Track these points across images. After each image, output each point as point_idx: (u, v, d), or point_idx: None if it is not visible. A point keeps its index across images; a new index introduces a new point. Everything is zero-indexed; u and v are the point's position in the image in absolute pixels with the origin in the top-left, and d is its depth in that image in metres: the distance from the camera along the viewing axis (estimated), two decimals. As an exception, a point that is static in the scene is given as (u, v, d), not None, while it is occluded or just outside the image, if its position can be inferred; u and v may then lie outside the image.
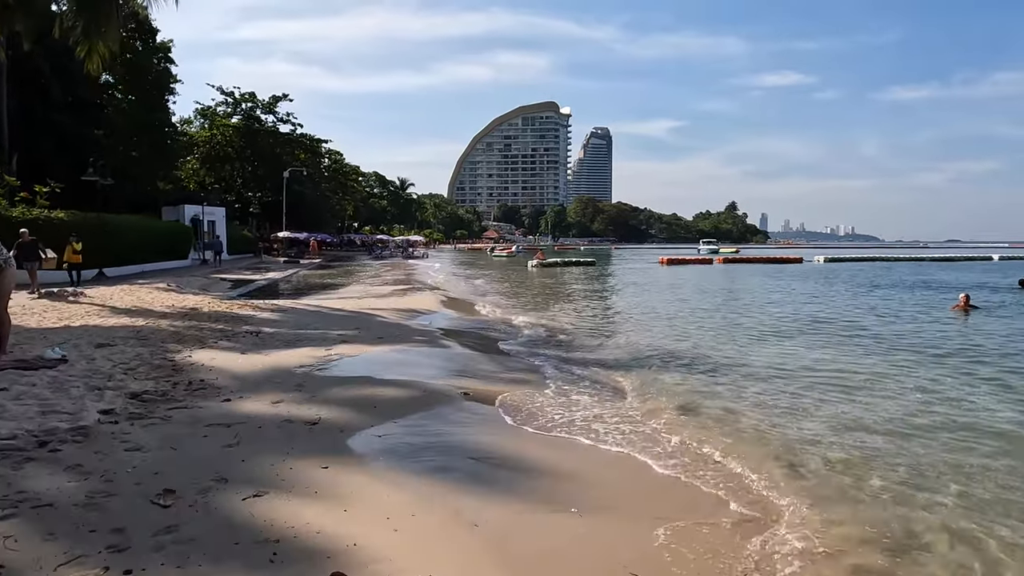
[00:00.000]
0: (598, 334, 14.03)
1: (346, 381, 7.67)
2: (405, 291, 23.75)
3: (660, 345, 12.23)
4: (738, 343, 12.88)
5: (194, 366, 8.21)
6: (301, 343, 10.41)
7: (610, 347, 12.20)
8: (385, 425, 5.92)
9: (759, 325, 15.68)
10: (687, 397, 7.95)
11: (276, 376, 7.78)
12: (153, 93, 45.37)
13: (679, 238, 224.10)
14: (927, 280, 33.13)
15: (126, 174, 42.87)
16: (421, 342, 11.03)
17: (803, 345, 12.54)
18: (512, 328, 14.33)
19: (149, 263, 31.50)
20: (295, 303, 17.80)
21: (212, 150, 63.80)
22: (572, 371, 9.46)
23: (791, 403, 7.77)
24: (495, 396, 7.45)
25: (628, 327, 15.18)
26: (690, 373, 9.56)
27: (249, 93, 67.47)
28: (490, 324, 14.87)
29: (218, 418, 5.83)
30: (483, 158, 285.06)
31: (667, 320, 16.62)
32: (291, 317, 13.96)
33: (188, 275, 28.65)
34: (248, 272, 34.72)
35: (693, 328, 15.05)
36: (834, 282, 32.02)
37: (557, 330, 14.31)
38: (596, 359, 10.71)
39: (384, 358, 9.40)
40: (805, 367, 10.17)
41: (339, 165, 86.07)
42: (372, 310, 16.00)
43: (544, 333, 13.67)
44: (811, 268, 48.00)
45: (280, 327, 12.26)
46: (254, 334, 11.16)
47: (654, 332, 14.30)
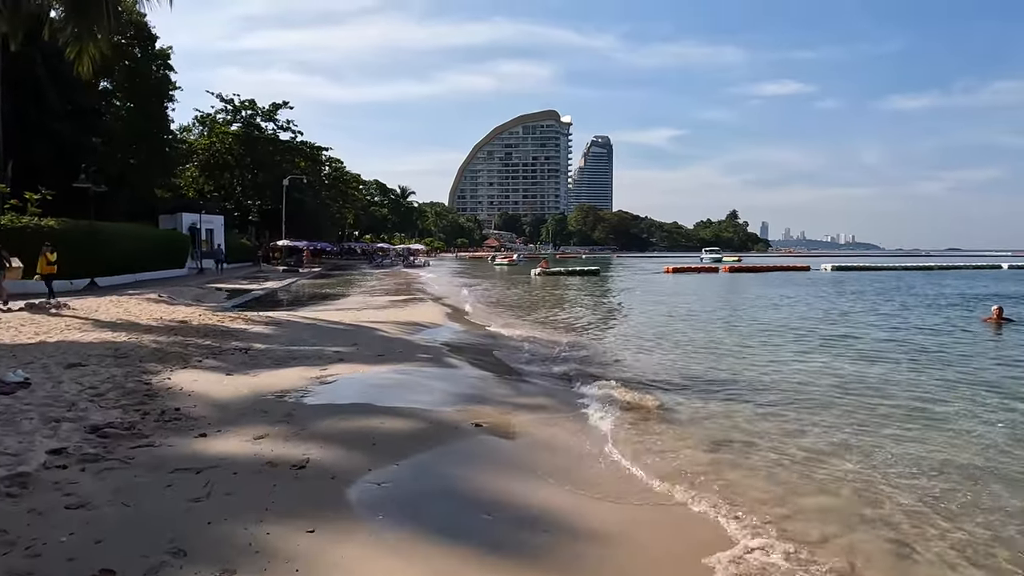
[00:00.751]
0: (614, 349, 13.08)
1: (341, 410, 6.74)
2: (406, 302, 22.83)
3: (684, 364, 11.25)
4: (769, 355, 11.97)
5: (171, 391, 7.30)
6: (294, 362, 9.50)
7: (631, 364, 11.23)
8: (386, 468, 4.98)
9: (788, 337, 14.74)
10: (734, 430, 6.99)
11: (262, 403, 6.86)
12: (152, 100, 44.67)
13: (680, 246, 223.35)
14: (943, 290, 32.19)
15: (124, 182, 42.27)
16: (425, 360, 10.09)
17: (846, 360, 11.59)
18: (522, 343, 13.33)
19: (144, 272, 30.64)
20: (291, 315, 16.89)
21: (211, 158, 63.07)
22: (593, 394, 8.51)
23: (874, 442, 6.63)
24: (512, 427, 6.54)
25: (645, 341, 14.20)
26: (733, 399, 8.55)
27: (249, 100, 66.87)
28: (499, 339, 13.90)
29: (188, 460, 4.91)
30: (484, 166, 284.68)
31: (685, 333, 15.63)
32: (285, 331, 13.04)
33: (183, 285, 27.80)
34: (245, 281, 33.82)
35: (715, 341, 14.10)
36: (850, 292, 31.00)
37: (570, 345, 13.34)
38: (617, 377, 9.78)
39: (385, 380, 8.47)
40: (866, 388, 9.25)
41: (339, 173, 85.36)
42: (372, 323, 15.09)
43: (557, 349, 12.67)
44: (819, 277, 47.07)
45: (272, 343, 11.34)
46: (243, 351, 10.24)
47: (673, 347, 13.34)
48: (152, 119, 44.04)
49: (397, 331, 13.63)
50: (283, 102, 68.54)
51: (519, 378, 9.41)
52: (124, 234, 28.87)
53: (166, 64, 46.35)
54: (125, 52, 42.85)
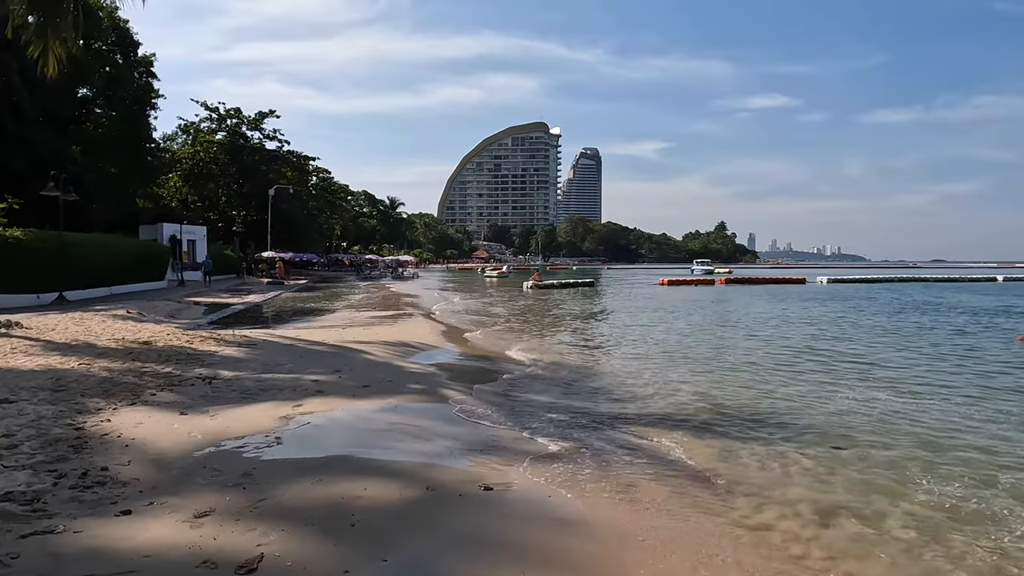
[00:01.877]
0: (628, 373, 11.70)
1: (314, 467, 5.35)
2: (395, 318, 21.45)
3: (718, 396, 9.78)
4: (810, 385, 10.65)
5: (106, 439, 5.91)
6: (264, 395, 8.12)
7: (652, 394, 9.84)
8: (369, 569, 3.63)
9: (820, 360, 13.46)
10: (830, 494, 5.64)
11: (216, 457, 5.50)
12: (134, 108, 43.21)
13: (669, 258, 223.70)
14: (948, 303, 31.22)
15: (104, 191, 40.89)
16: (418, 392, 8.70)
17: (903, 394, 10.05)
18: (526, 367, 11.95)
19: (120, 285, 29.16)
20: (269, 334, 15.45)
21: (195, 167, 61.49)
22: (616, 437, 7.11)
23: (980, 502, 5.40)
24: (532, 492, 5.19)
25: (662, 364, 12.85)
26: (802, 447, 7.08)
27: (234, 109, 65.45)
28: (499, 362, 12.48)
29: (94, 559, 3.54)
30: (473, 178, 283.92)
31: (703, 355, 14.31)
32: (259, 354, 11.62)
33: (161, 298, 26.34)
34: (227, 295, 32.34)
35: (742, 366, 12.78)
36: (855, 305, 29.91)
37: (580, 370, 11.97)
38: (638, 414, 8.44)
39: (370, 420, 7.09)
40: (950, 429, 7.92)
41: (327, 183, 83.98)
42: (357, 344, 13.69)
43: (566, 374, 11.31)
44: (816, 289, 46.12)
45: (243, 369, 9.94)
46: (206, 381, 8.84)
47: (696, 372, 11.96)
48: (134, 127, 42.58)
49: (385, 353, 12.24)
50: (269, 111, 67.19)
51: (530, 415, 8.03)
52: (97, 245, 27.35)
53: (149, 71, 45.03)
54: (106, 58, 41.57)
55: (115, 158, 41.60)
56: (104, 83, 41.51)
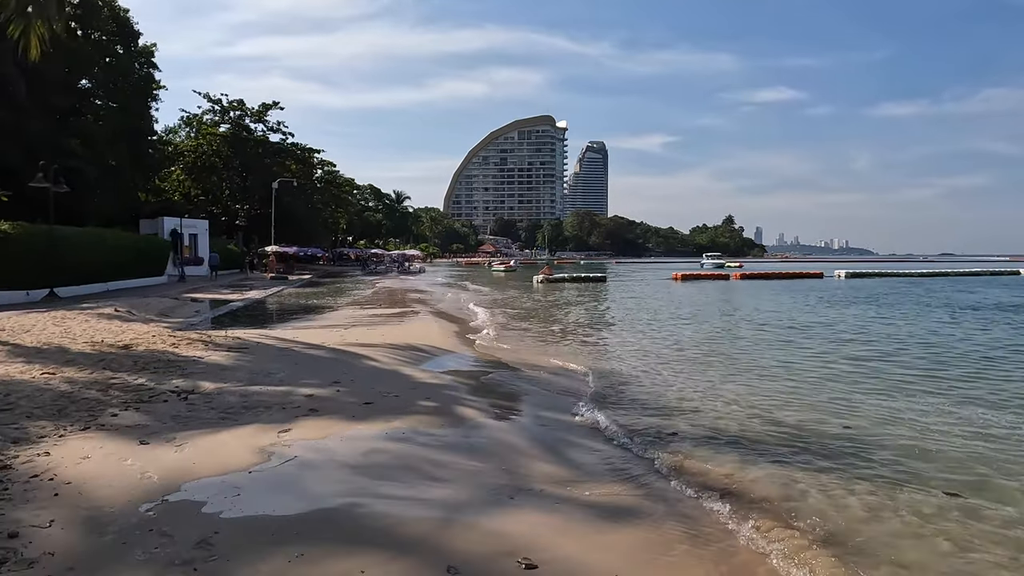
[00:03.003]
0: (667, 384, 10.22)
1: (293, 531, 4.00)
2: (402, 316, 20.14)
3: (776, 411, 8.35)
4: (876, 397, 9.18)
5: (34, 483, 4.60)
6: (246, 415, 6.80)
7: (699, 408, 8.42)
8: None
9: (878, 367, 12.00)
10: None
11: (168, 514, 4.17)
12: (134, 99, 42.08)
13: (676, 252, 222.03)
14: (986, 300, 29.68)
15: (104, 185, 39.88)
16: (430, 411, 7.30)
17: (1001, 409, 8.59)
18: (551, 376, 10.52)
19: (116, 281, 28.05)
20: (265, 334, 14.15)
21: (198, 160, 60.31)
22: (700, 481, 5.64)
23: None
24: (590, 568, 3.84)
25: (698, 372, 11.32)
26: (895, 486, 5.80)
27: (237, 101, 64.27)
28: (519, 370, 10.94)
29: None
30: (479, 172, 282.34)
31: (744, 360, 12.73)
32: (250, 360, 10.31)
33: (157, 295, 25.14)
34: (227, 291, 31.13)
35: (791, 373, 11.25)
36: (887, 302, 28.26)
37: (612, 378, 10.51)
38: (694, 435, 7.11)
39: (371, 451, 5.72)
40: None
41: (332, 176, 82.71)
42: (360, 347, 12.36)
43: (597, 384, 9.98)
44: (836, 285, 44.54)
45: (227, 379, 8.62)
46: (182, 396, 7.51)
47: (744, 382, 10.44)
48: (134, 119, 41.45)
49: (391, 359, 10.88)
50: (273, 102, 65.93)
51: (566, 441, 6.65)
52: (92, 239, 26.17)
53: (150, 62, 43.98)
54: (105, 49, 40.46)
55: (115, 151, 40.50)
56: (104, 74, 40.49)
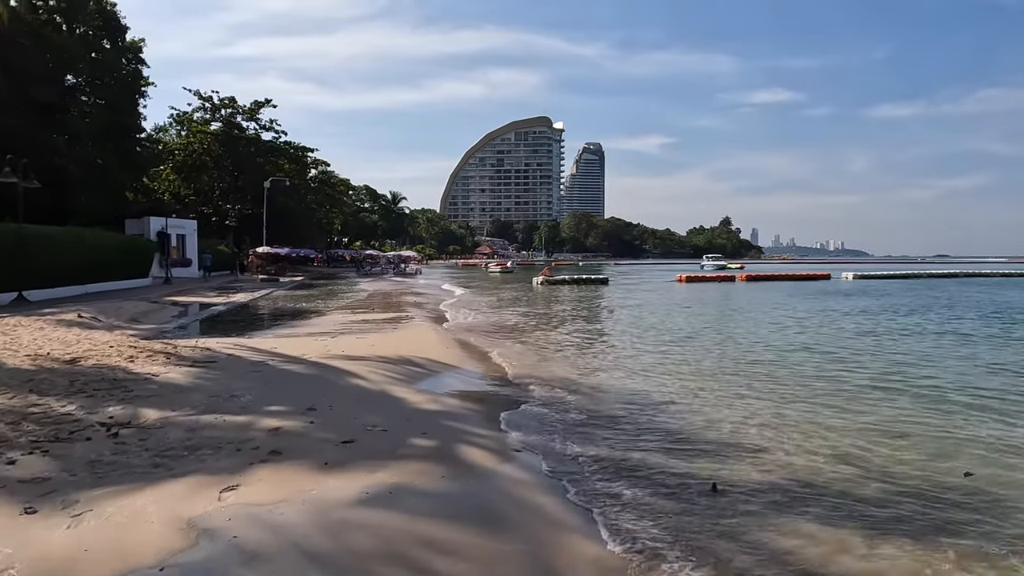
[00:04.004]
0: (706, 410, 8.51)
1: None
2: (396, 321, 18.59)
3: (847, 449, 6.73)
4: (965, 431, 7.66)
5: None
6: (187, 460, 5.29)
7: (753, 446, 6.85)
8: None
9: (947, 388, 10.42)
10: None
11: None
12: (122, 96, 40.51)
13: (673, 253, 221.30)
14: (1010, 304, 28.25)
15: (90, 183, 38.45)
16: (427, 456, 5.72)
17: None
18: (567, 397, 8.99)
19: (96, 283, 26.47)
20: (241, 344, 12.59)
21: (188, 158, 58.62)
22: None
23: None
24: None
25: (739, 393, 9.55)
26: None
27: (229, 98, 62.66)
28: (529, 391, 9.41)
29: None
30: (476, 173, 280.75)
31: (785, 376, 11.05)
32: (214, 378, 8.75)
33: (139, 297, 23.60)
34: (213, 293, 29.56)
35: (846, 394, 9.54)
36: (915, 307, 26.60)
37: (642, 401, 8.91)
38: (757, 481, 5.58)
39: (345, 529, 4.18)
40: None
41: (327, 176, 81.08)
42: (347, 359, 10.82)
43: (625, 410, 8.39)
44: (845, 287, 43.13)
45: (178, 406, 7.07)
46: (111, 432, 5.96)
47: (798, 409, 8.66)
48: (122, 116, 39.92)
49: (381, 376, 9.34)
50: (265, 100, 64.42)
51: (613, 499, 5.11)
52: (68, 239, 24.58)
53: (137, 58, 42.49)
54: (91, 44, 38.93)
55: (102, 148, 39.04)
56: (90, 69, 38.99)
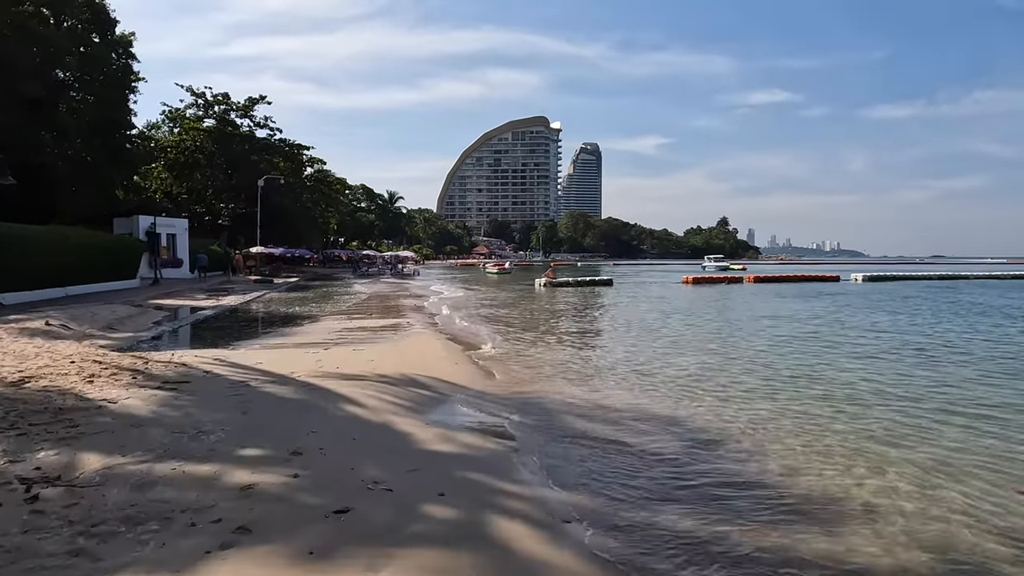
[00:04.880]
0: (770, 448, 6.95)
1: None
2: (396, 328, 17.18)
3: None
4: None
5: None
6: (115, 548, 3.74)
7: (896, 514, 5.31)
8: None
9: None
10: None
11: None
12: (111, 91, 39.12)
13: (671, 254, 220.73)
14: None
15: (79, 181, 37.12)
16: (448, 539, 4.10)
17: None
18: (605, 429, 7.44)
19: (80, 285, 25.11)
20: (223, 357, 11.14)
21: (180, 155, 57.08)
22: None
23: None
24: None
25: (804, 423, 8.01)
26: None
27: (222, 94, 61.24)
28: (559, 419, 7.90)
29: None
30: (473, 173, 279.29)
31: (844, 399, 9.44)
32: (182, 405, 7.29)
33: (122, 300, 22.25)
34: (203, 296, 28.16)
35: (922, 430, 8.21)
36: (954, 311, 24.96)
37: (691, 437, 7.27)
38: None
39: None
40: None
41: (323, 175, 79.56)
42: (342, 379, 9.41)
43: (678, 448, 6.79)
44: (856, 289, 41.81)
45: (129, 451, 5.52)
46: (29, 496, 4.39)
47: (889, 444, 7.20)
48: (111, 111, 38.54)
49: (382, 403, 7.92)
50: (260, 96, 62.99)
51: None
52: (48, 239, 23.22)
53: (127, 52, 41.07)
54: (80, 38, 37.54)
55: (91, 145, 37.65)
56: (78, 64, 37.61)
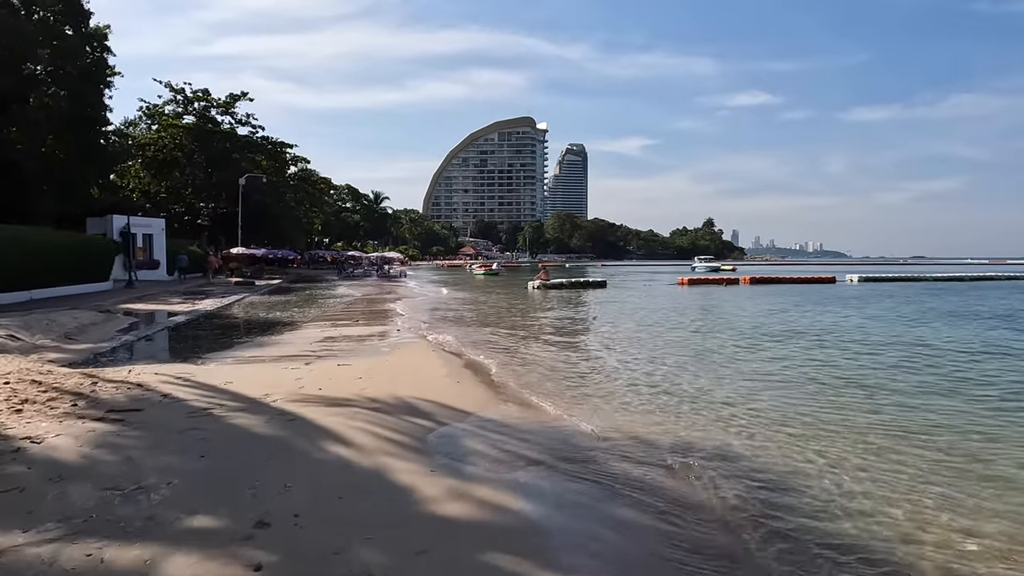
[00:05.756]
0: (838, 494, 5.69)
1: None
2: (385, 336, 15.76)
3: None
4: None
5: None
6: None
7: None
8: None
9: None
10: None
11: None
12: (85, 86, 37.22)
13: (657, 255, 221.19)
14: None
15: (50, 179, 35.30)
16: None
17: None
18: (645, 473, 5.92)
19: (46, 288, 23.49)
20: (187, 375, 9.66)
21: (159, 153, 55.10)
22: None
23: None
24: None
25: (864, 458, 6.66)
26: None
27: (202, 90, 59.23)
28: (588, 453, 6.36)
29: None
30: (459, 173, 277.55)
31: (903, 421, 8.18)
32: (123, 445, 5.82)
33: (88, 305, 20.66)
34: (178, 299, 26.52)
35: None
36: (976, 316, 23.62)
37: (748, 477, 5.99)
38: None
39: None
40: None
41: (306, 173, 77.64)
42: (324, 403, 7.97)
43: (731, 494, 5.53)
44: (854, 291, 40.81)
45: (35, 518, 4.15)
46: None
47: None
48: (85, 107, 36.67)
49: (373, 439, 6.45)
50: (242, 93, 61.06)
51: None
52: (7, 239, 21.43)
53: (102, 45, 39.19)
54: (52, 29, 35.67)
55: (64, 141, 35.81)
56: (50, 57, 35.72)
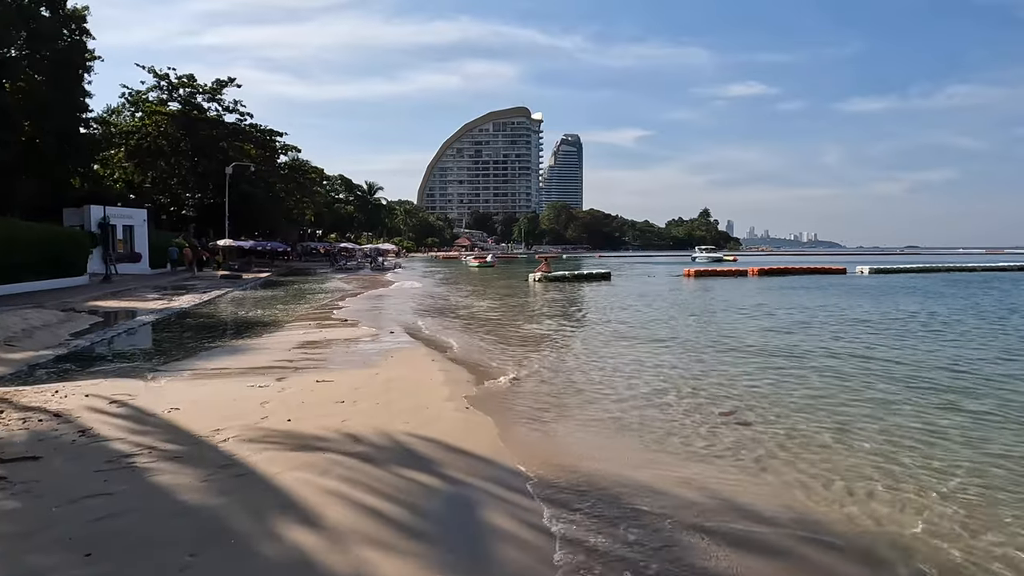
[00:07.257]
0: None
1: None
2: (377, 340, 13.96)
3: None
4: None
5: None
6: None
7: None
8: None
9: None
10: None
11: None
12: (63, 70, 35.17)
13: (653, 245, 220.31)
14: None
15: (27, 168, 33.42)
16: None
17: None
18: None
19: (13, 283, 21.74)
20: (127, 395, 7.80)
21: (142, 142, 52.92)
22: None
23: None
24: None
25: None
26: None
27: (187, 76, 57.08)
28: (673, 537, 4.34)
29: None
30: (453, 164, 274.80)
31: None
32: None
33: (51, 302, 18.84)
34: (155, 295, 24.69)
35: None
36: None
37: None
38: None
39: None
40: None
41: (298, 163, 75.45)
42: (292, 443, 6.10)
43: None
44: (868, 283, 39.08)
45: None
46: None
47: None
48: (63, 92, 34.68)
49: (352, 512, 4.39)
50: (229, 79, 58.92)
51: None
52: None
53: (81, 28, 37.01)
54: (27, 11, 33.58)
55: (40, 129, 33.87)
56: (26, 41, 33.74)
